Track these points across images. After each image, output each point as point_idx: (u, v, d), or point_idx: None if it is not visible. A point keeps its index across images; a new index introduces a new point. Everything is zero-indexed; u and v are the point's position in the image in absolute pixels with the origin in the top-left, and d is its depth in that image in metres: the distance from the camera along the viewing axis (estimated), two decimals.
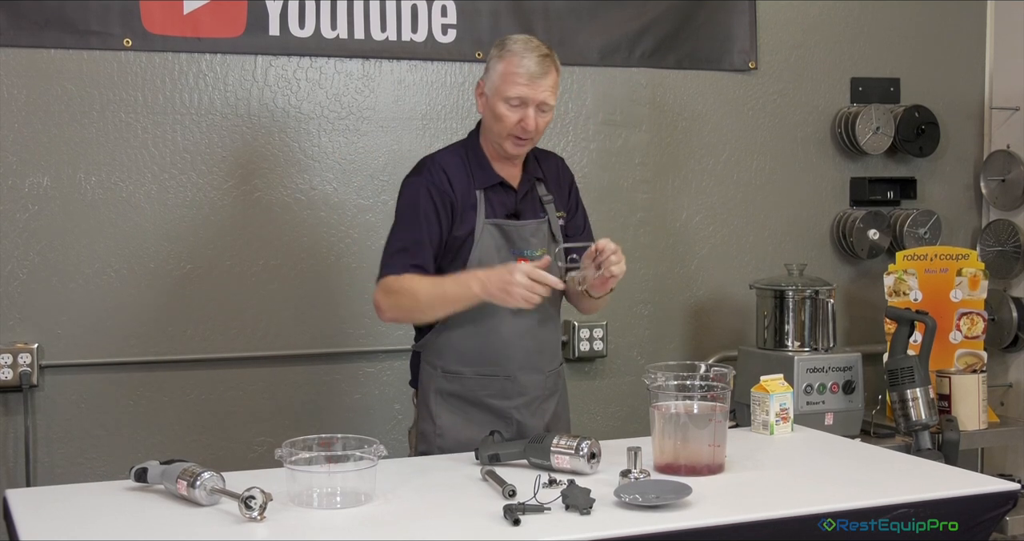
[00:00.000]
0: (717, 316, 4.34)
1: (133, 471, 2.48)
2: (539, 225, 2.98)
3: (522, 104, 2.83)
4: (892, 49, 4.55)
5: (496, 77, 2.85)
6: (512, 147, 2.89)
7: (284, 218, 3.79)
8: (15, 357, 3.50)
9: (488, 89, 2.89)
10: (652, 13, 4.16)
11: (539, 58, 2.84)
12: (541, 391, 3.00)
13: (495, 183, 2.93)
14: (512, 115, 2.83)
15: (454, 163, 2.92)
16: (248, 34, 3.70)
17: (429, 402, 2.95)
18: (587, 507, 2.27)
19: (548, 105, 2.86)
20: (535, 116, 2.84)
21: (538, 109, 2.84)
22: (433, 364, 2.94)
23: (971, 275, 4.25)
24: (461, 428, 2.90)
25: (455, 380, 2.93)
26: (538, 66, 2.83)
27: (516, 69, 2.82)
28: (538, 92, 2.83)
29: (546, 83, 2.84)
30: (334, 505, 2.34)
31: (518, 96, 2.82)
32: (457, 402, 2.93)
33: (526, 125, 2.83)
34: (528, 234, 2.94)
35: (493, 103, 2.86)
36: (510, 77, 2.82)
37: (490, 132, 2.91)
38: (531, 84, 2.82)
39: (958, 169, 4.67)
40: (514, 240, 2.92)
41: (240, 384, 3.77)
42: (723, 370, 2.76)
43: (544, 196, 3.02)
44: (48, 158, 3.56)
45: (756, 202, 4.39)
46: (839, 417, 3.85)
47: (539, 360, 2.98)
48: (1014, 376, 4.58)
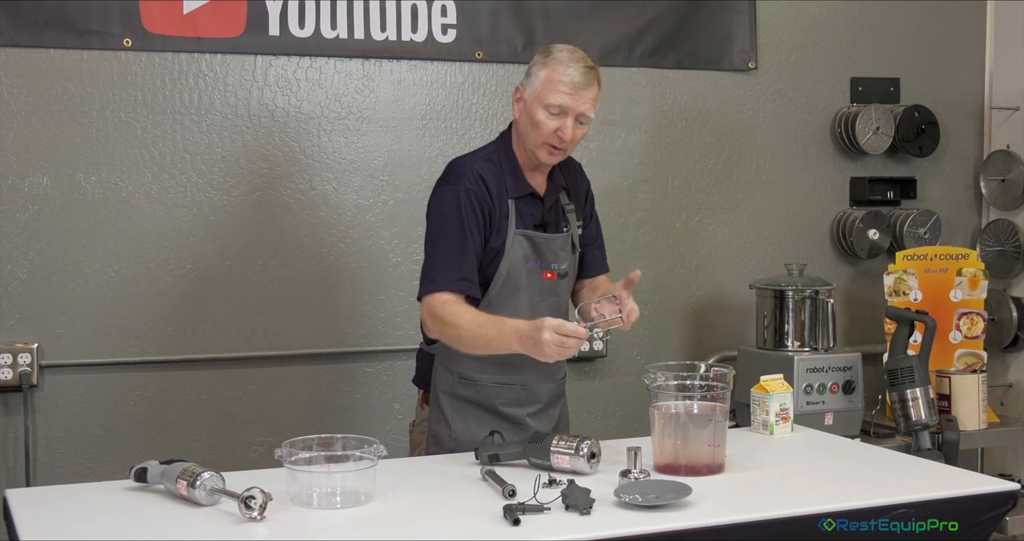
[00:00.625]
0: (717, 316, 4.34)
1: (133, 471, 2.48)
2: (566, 239, 2.99)
3: (562, 113, 2.80)
4: (892, 49, 4.55)
5: (538, 83, 2.82)
6: (545, 156, 2.86)
7: (284, 218, 3.79)
8: (15, 357, 3.50)
9: (528, 94, 2.85)
10: (652, 13, 4.16)
11: (584, 69, 2.81)
12: (552, 398, 3.04)
13: (527, 193, 2.92)
14: (550, 123, 2.80)
15: (490, 171, 2.87)
16: (248, 34, 3.70)
17: (443, 406, 2.94)
18: (587, 507, 2.27)
19: (587, 117, 2.84)
20: (573, 127, 2.81)
21: (576, 120, 2.82)
22: (449, 369, 2.93)
23: (971, 275, 4.25)
24: (475, 432, 2.89)
25: (470, 386, 2.92)
26: (583, 77, 2.80)
27: (560, 77, 2.79)
28: (579, 103, 2.80)
29: (588, 95, 2.81)
30: (334, 505, 2.34)
31: (559, 104, 2.79)
32: (471, 408, 2.93)
33: (563, 134, 2.80)
34: (557, 248, 2.95)
35: (532, 109, 2.82)
36: (553, 85, 2.79)
37: (525, 139, 2.87)
38: (574, 94, 2.79)
39: (958, 169, 4.67)
40: (543, 252, 2.92)
41: (240, 384, 3.77)
42: (723, 370, 2.77)
43: (567, 205, 3.02)
44: (48, 158, 3.56)
45: (756, 202, 4.39)
46: (839, 417, 3.85)
47: (553, 369, 2.99)
48: (1014, 376, 4.58)
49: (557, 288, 2.97)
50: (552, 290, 2.95)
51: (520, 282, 2.89)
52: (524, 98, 2.86)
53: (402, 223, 3.87)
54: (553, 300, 2.96)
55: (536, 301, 2.91)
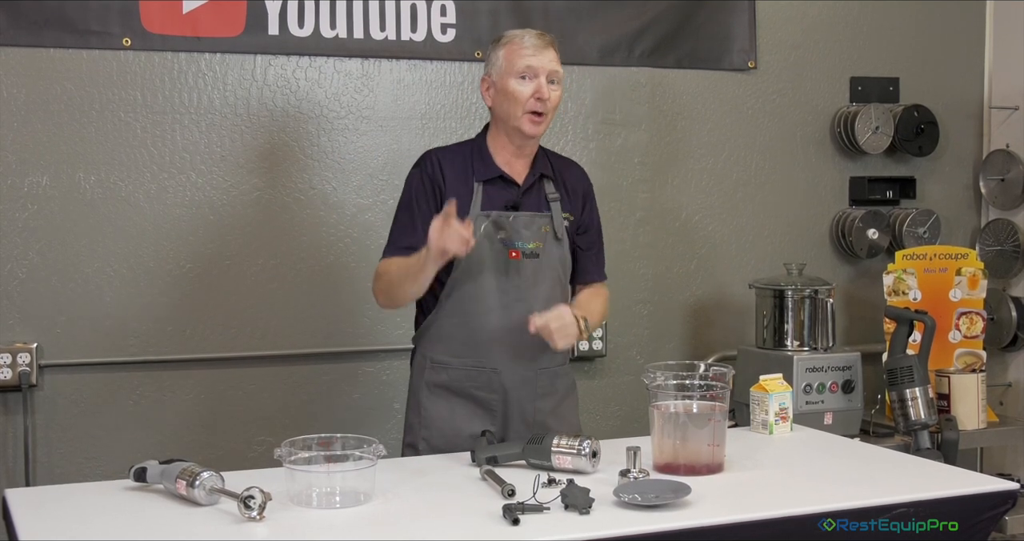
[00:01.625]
0: (716, 315, 4.34)
1: (132, 471, 2.48)
2: (533, 218, 2.96)
3: (533, 75, 2.87)
4: (891, 49, 4.55)
5: (501, 60, 2.91)
6: (529, 126, 2.90)
7: (283, 217, 3.79)
8: (14, 357, 3.50)
9: (495, 75, 2.93)
10: (652, 12, 4.16)
11: (538, 35, 2.92)
12: (529, 388, 2.97)
13: (495, 176, 2.94)
14: (525, 88, 2.87)
15: (452, 156, 2.98)
16: (247, 33, 3.70)
17: (419, 393, 2.99)
18: (586, 507, 2.27)
19: (557, 75, 2.92)
20: (547, 87, 2.88)
21: (548, 81, 2.89)
22: (424, 354, 2.99)
23: (970, 274, 4.25)
24: (446, 420, 2.94)
25: (443, 371, 2.96)
26: (538, 39, 2.91)
27: (519, 46, 2.89)
28: (545, 61, 2.89)
29: (550, 55, 2.91)
30: (333, 505, 2.34)
31: (527, 65, 2.87)
32: (443, 393, 2.96)
33: (541, 95, 2.87)
34: (520, 226, 2.93)
35: (503, 84, 2.89)
36: (515, 53, 2.89)
37: (505, 118, 2.92)
38: (537, 54, 2.88)
39: (957, 168, 4.67)
40: (506, 230, 2.92)
41: (239, 383, 3.77)
42: (722, 369, 2.76)
43: (551, 194, 3.01)
44: (47, 157, 3.56)
45: (755, 201, 4.39)
46: (838, 417, 3.85)
47: (528, 356, 2.95)
48: (1013, 376, 4.58)
49: (524, 268, 2.93)
50: (518, 269, 2.92)
51: (484, 261, 2.89)
52: (493, 81, 2.94)
53: None
54: (519, 279, 2.92)
55: (502, 279, 2.91)
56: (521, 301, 2.91)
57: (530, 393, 2.98)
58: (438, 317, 2.95)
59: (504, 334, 2.91)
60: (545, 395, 3.02)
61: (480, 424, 2.92)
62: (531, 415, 2.98)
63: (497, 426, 2.94)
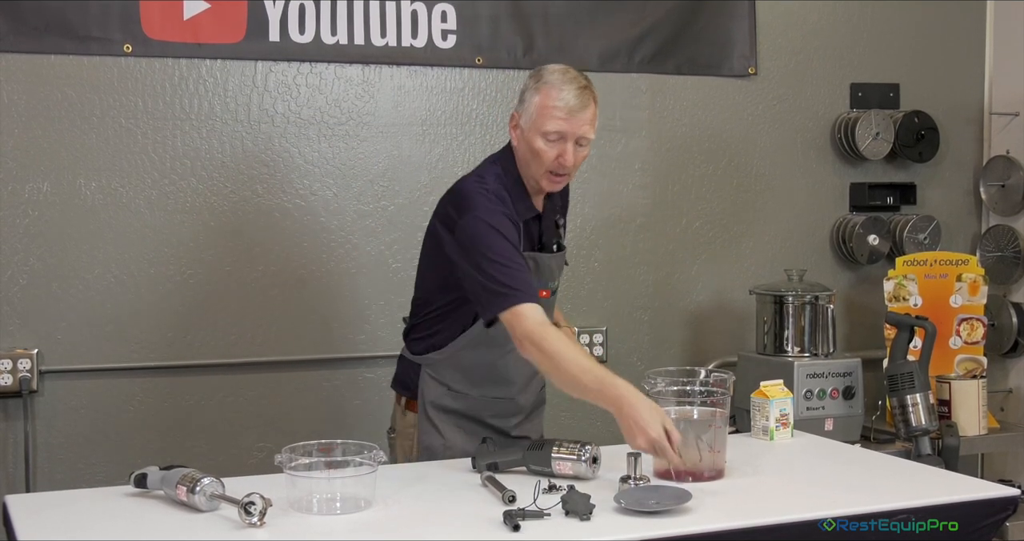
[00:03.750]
0: (717, 321, 4.34)
1: (133, 477, 2.48)
2: (560, 257, 2.97)
3: (560, 139, 2.72)
4: (892, 54, 4.55)
5: (533, 110, 2.74)
6: (548, 184, 2.80)
7: (284, 223, 3.79)
8: (15, 363, 3.50)
9: (524, 122, 2.77)
10: (652, 18, 4.16)
11: (578, 90, 2.72)
12: (534, 406, 3.06)
13: (532, 216, 2.88)
14: (550, 151, 2.73)
15: (504, 196, 2.78)
16: (248, 40, 3.70)
17: (432, 417, 2.92)
18: (587, 513, 2.27)
19: (587, 139, 2.75)
20: (573, 151, 2.73)
21: (576, 143, 2.74)
22: (439, 380, 2.91)
23: (971, 280, 4.25)
24: (465, 442, 2.88)
25: (460, 399, 2.90)
26: (577, 99, 2.71)
27: (554, 102, 2.70)
28: (577, 126, 2.72)
29: (585, 116, 2.73)
30: (334, 511, 2.34)
31: (557, 131, 2.71)
32: (459, 418, 2.92)
33: (564, 161, 2.73)
34: (554, 266, 2.94)
35: (530, 138, 2.75)
36: (547, 111, 2.71)
37: (527, 167, 2.80)
38: (570, 118, 2.71)
39: (958, 174, 4.67)
40: (542, 272, 2.88)
41: (240, 389, 3.76)
42: (723, 375, 2.76)
43: (559, 220, 2.99)
44: (48, 163, 3.56)
45: (756, 208, 4.39)
46: (839, 423, 3.85)
47: (535, 381, 3.01)
48: (1014, 381, 4.57)
49: (548, 305, 2.93)
50: (545, 307, 2.87)
51: None
52: (521, 126, 2.79)
53: (402, 229, 3.87)
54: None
55: None
56: None
57: (535, 411, 3.06)
58: (461, 347, 2.85)
59: (523, 367, 2.85)
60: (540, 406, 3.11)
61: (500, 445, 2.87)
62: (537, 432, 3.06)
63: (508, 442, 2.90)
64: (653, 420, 2.49)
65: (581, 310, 4.14)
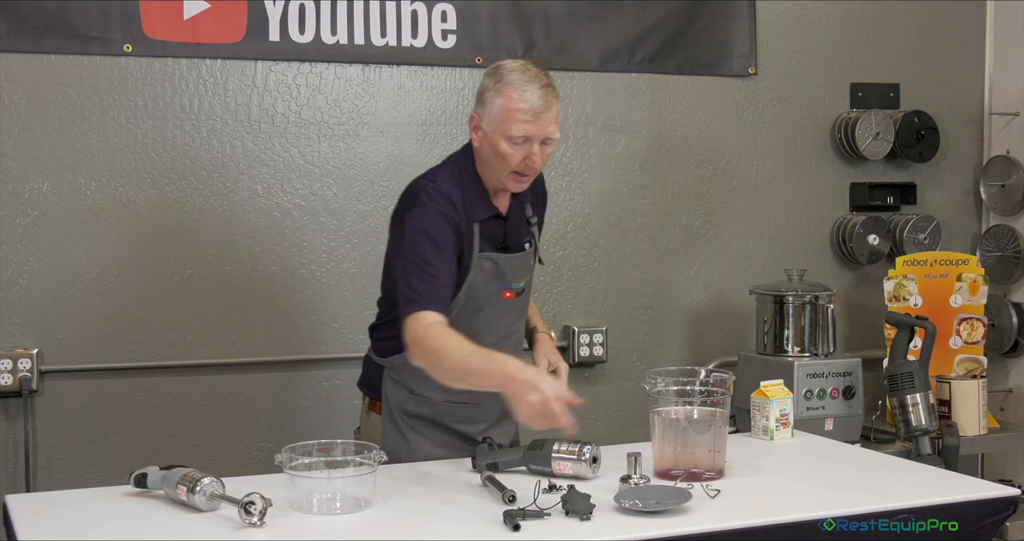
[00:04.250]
0: (717, 321, 4.34)
1: (133, 476, 2.48)
2: (526, 257, 2.90)
3: (526, 141, 2.67)
4: (892, 54, 4.55)
5: (495, 112, 2.67)
6: (513, 184, 2.75)
7: (284, 223, 3.79)
8: (15, 362, 3.50)
9: (486, 124, 2.70)
10: (652, 18, 4.16)
11: (541, 90, 2.66)
12: (502, 413, 2.86)
13: (492, 215, 2.82)
14: (516, 153, 2.67)
15: (455, 194, 2.74)
16: (248, 40, 3.70)
17: (397, 422, 2.87)
18: (587, 513, 2.27)
19: (552, 139, 2.71)
20: (539, 151, 2.69)
21: (542, 143, 2.69)
22: (402, 384, 2.85)
23: (971, 280, 4.25)
24: (430, 448, 2.84)
25: (424, 404, 2.84)
26: (541, 99, 2.65)
27: (518, 105, 2.64)
28: (543, 128, 2.66)
29: (550, 116, 2.67)
30: (334, 510, 2.34)
31: (523, 134, 2.65)
32: (424, 424, 2.87)
33: (531, 163, 2.68)
34: (517, 266, 2.86)
35: (494, 140, 2.68)
36: (512, 114, 2.64)
37: (490, 168, 2.75)
38: (535, 120, 2.65)
39: (958, 174, 4.67)
40: (503, 272, 2.82)
41: (240, 389, 3.76)
42: (723, 375, 2.76)
43: (531, 217, 2.93)
44: (48, 163, 3.56)
45: (756, 207, 4.39)
46: (839, 422, 3.85)
47: None
48: (1014, 381, 4.57)
49: (515, 305, 2.89)
50: (510, 308, 2.88)
51: (480, 303, 2.80)
52: (482, 128, 2.71)
53: None
54: (510, 317, 2.89)
55: (494, 320, 2.84)
56: (509, 336, 2.89)
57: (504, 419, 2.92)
58: None
59: None
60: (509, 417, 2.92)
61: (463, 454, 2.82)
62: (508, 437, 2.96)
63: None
64: (535, 386, 2.38)
65: (581, 310, 4.14)
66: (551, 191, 3.72)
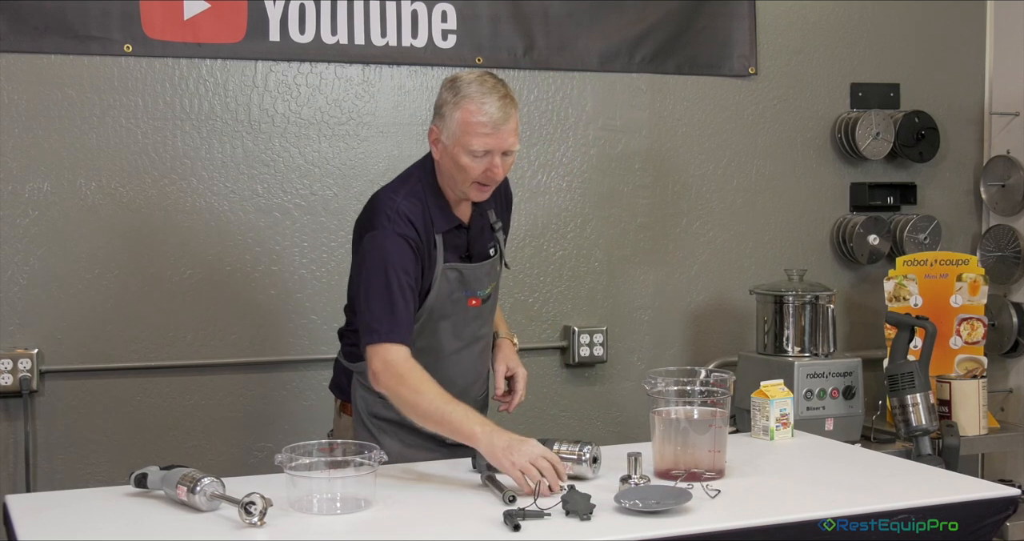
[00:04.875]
0: (717, 321, 4.34)
1: (133, 477, 2.48)
2: (491, 264, 2.91)
3: (487, 154, 2.66)
4: (892, 54, 4.55)
5: (455, 126, 2.66)
6: (476, 194, 2.75)
7: (284, 224, 3.79)
8: (15, 363, 3.50)
9: (446, 138, 2.69)
10: (652, 18, 4.16)
11: (499, 101, 2.65)
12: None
13: (454, 226, 2.81)
14: (477, 165, 2.67)
15: (416, 210, 2.73)
16: (248, 40, 3.70)
17: (368, 426, 2.86)
18: (587, 513, 2.28)
19: (512, 151, 2.70)
20: (501, 162, 2.69)
21: (503, 154, 2.69)
22: (369, 389, 2.77)
23: (971, 280, 4.25)
24: (400, 452, 2.79)
25: (391, 407, 2.73)
26: (500, 111, 2.64)
27: (477, 118, 2.63)
28: (503, 140, 2.66)
29: (510, 127, 2.66)
30: (334, 510, 2.34)
31: (483, 148, 2.65)
32: (394, 428, 2.84)
33: (493, 175, 2.69)
34: (482, 274, 2.87)
35: (455, 154, 2.68)
36: (471, 127, 2.64)
37: (451, 180, 2.74)
38: (495, 133, 2.64)
39: (958, 174, 4.67)
40: (468, 281, 2.83)
41: (240, 389, 3.76)
42: (723, 375, 2.77)
43: (494, 224, 2.93)
44: (48, 163, 3.56)
45: (756, 207, 4.39)
46: (839, 422, 3.85)
47: (474, 387, 2.96)
48: (1014, 381, 4.57)
49: (482, 312, 2.90)
50: (476, 315, 2.88)
51: (446, 311, 2.81)
52: (442, 141, 2.71)
53: None
54: (476, 323, 2.90)
55: (460, 326, 2.85)
56: (476, 341, 2.91)
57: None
58: None
59: (459, 375, 2.86)
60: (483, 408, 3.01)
61: (434, 455, 2.82)
62: None
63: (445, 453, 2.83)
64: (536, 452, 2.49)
65: (581, 310, 4.14)
66: (552, 191, 3.75)
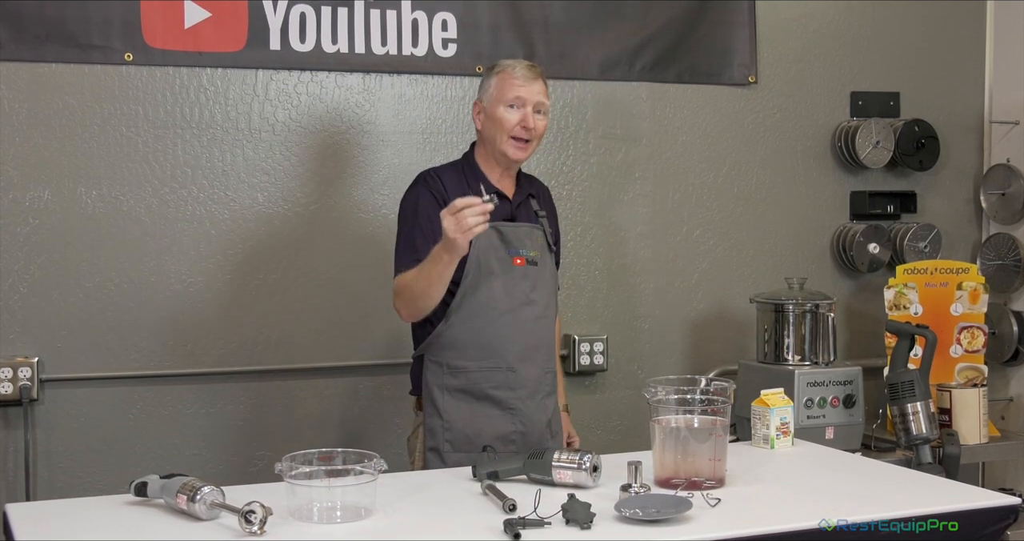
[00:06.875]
0: (717, 330, 4.34)
1: (133, 485, 2.47)
2: (532, 229, 3.13)
3: (520, 104, 3.03)
4: (892, 63, 4.56)
5: (492, 89, 3.08)
6: (513, 150, 3.06)
7: (284, 232, 3.79)
8: (15, 371, 3.50)
9: (486, 101, 3.09)
10: (652, 27, 4.17)
11: (528, 66, 3.09)
12: (540, 385, 3.10)
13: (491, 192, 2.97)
14: (512, 116, 3.03)
15: (449, 175, 3.10)
16: (249, 48, 3.71)
17: (435, 398, 3.02)
18: (587, 521, 2.27)
19: (544, 106, 3.08)
20: (533, 116, 3.04)
21: (535, 111, 3.05)
22: (438, 362, 3.03)
23: (971, 289, 4.25)
24: (468, 421, 3.00)
25: (460, 375, 3.01)
26: (529, 71, 3.07)
27: (510, 77, 3.05)
28: (533, 93, 3.05)
29: (538, 86, 3.07)
30: (334, 519, 2.34)
31: (516, 96, 3.03)
32: (463, 396, 3.02)
33: (526, 123, 3.03)
34: (523, 235, 3.10)
35: (492, 110, 3.06)
36: (506, 82, 3.05)
37: (491, 142, 3.07)
38: (526, 85, 3.04)
39: (958, 183, 4.67)
40: (510, 240, 3.06)
41: (240, 398, 3.76)
42: (723, 384, 2.76)
43: (539, 211, 3.20)
44: (49, 172, 3.56)
45: (756, 216, 4.39)
46: (840, 431, 3.85)
47: (536, 355, 3.09)
48: (1015, 390, 4.57)
49: (528, 273, 3.07)
50: (524, 275, 3.07)
51: (492, 268, 3.01)
52: (484, 107, 3.10)
53: None
54: (526, 284, 3.07)
55: (510, 287, 3.04)
56: (528, 304, 3.06)
57: (542, 392, 3.10)
58: (451, 324, 3.00)
59: (517, 335, 3.04)
60: (551, 394, 3.15)
61: (502, 424, 3.01)
62: (544, 413, 3.10)
63: (517, 425, 3.03)
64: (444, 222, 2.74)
65: (581, 318, 4.14)
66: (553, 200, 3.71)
